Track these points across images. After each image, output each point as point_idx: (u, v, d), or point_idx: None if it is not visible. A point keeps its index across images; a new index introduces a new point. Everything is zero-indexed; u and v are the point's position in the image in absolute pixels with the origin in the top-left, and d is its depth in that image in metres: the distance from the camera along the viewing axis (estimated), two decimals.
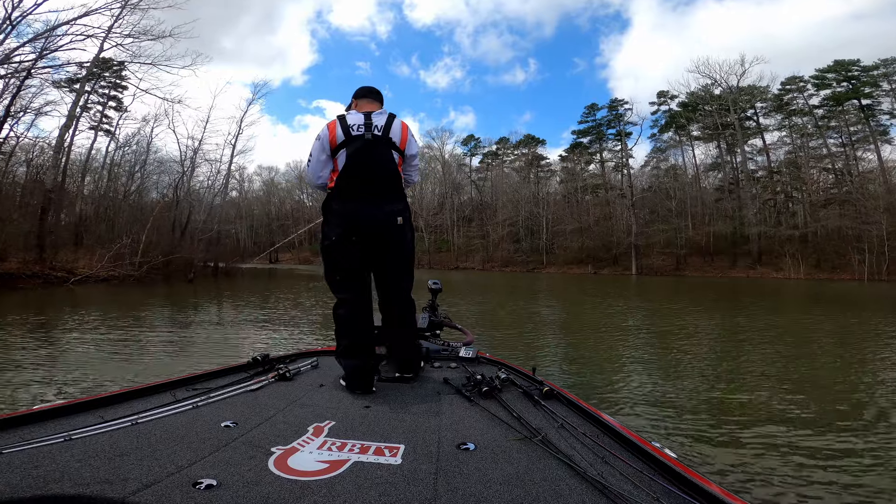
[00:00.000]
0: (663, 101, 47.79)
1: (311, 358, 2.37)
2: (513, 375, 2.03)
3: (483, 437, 1.38)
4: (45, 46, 19.65)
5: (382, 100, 2.23)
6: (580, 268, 43.52)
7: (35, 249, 16.21)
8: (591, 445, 1.31)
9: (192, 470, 1.08)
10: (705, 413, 3.62)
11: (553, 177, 57.44)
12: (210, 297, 13.95)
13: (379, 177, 2.05)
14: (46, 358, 5.22)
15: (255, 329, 7.76)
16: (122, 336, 6.68)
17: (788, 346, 6.56)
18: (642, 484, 1.08)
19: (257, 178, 70.42)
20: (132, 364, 5.08)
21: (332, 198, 2.05)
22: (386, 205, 2.05)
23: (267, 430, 1.40)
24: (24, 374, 4.48)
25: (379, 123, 2.08)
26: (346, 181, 2.02)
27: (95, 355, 5.42)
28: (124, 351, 5.73)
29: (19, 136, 25.85)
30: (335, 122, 2.07)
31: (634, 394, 4.12)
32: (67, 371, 4.62)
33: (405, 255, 2.15)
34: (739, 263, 37.64)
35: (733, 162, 43.85)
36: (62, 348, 5.79)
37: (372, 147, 2.05)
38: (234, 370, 2.09)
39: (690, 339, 7.30)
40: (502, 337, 7.29)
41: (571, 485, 1.08)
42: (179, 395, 1.67)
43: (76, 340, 6.29)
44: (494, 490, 1.04)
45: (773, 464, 2.66)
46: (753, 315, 10.49)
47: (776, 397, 4.04)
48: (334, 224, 2.03)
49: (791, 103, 40.95)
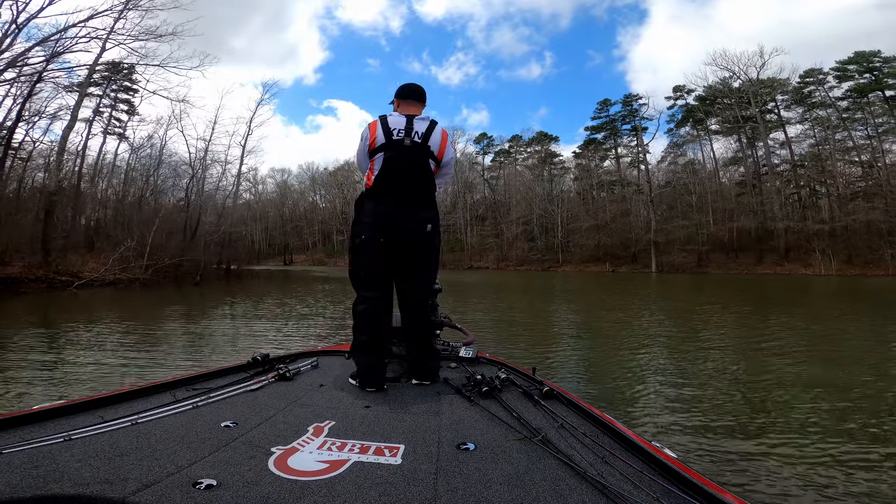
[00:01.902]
0: (679, 95, 46.61)
1: (311, 358, 2.35)
2: (513, 375, 2.01)
3: (483, 437, 1.38)
4: (55, 50, 19.64)
5: (425, 99, 2.23)
6: (597, 266, 42.50)
7: (40, 253, 15.99)
8: (591, 445, 1.30)
9: (192, 470, 1.08)
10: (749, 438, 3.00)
11: (567, 174, 56.49)
12: (209, 301, 13.42)
13: (414, 184, 2.06)
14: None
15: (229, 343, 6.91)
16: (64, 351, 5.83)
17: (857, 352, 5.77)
18: (642, 484, 1.07)
19: (271, 181, 70.73)
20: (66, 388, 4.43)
21: (366, 197, 2.07)
22: (419, 211, 2.07)
23: (267, 430, 1.39)
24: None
25: (420, 130, 2.08)
26: (382, 184, 2.04)
27: (41, 377, 4.70)
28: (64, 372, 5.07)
29: (35, 141, 26.21)
30: (377, 124, 2.08)
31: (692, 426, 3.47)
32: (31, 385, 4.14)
33: (431, 262, 2.17)
34: (766, 259, 36.28)
35: (754, 156, 42.41)
36: (21, 361, 5.26)
37: (410, 154, 2.06)
38: (234, 370, 2.08)
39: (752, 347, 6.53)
40: (537, 354, 6.12)
41: (571, 485, 1.07)
42: (179, 395, 1.66)
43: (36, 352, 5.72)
44: (494, 490, 1.03)
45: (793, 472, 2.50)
46: (816, 317, 9.60)
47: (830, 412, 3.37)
48: (365, 224, 2.04)
49: (812, 95, 39.54)
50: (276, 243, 70.06)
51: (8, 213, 15.33)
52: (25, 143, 25.62)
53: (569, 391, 1.86)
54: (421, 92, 2.21)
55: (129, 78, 28.85)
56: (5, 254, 14.17)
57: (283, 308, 11.35)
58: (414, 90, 2.20)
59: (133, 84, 29.18)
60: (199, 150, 27.38)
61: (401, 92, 2.21)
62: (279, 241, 70.11)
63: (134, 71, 27.02)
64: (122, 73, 28.03)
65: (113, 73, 27.28)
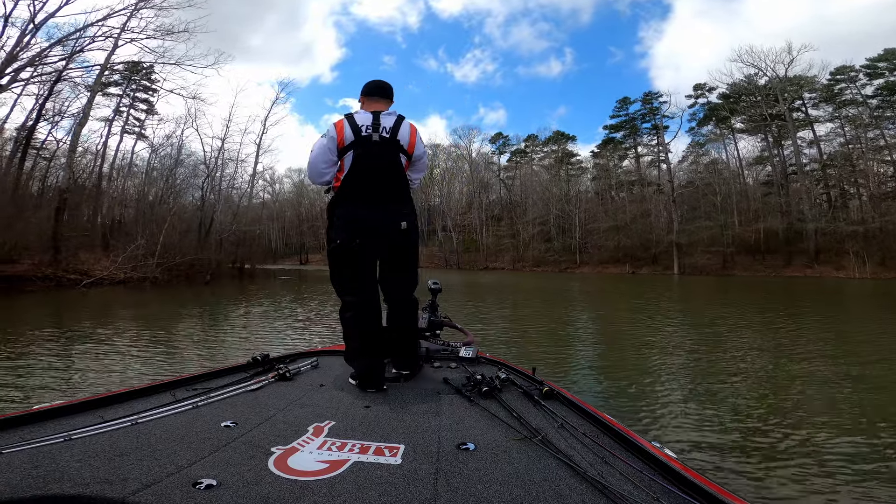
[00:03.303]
0: (700, 93, 45.30)
1: (311, 358, 2.33)
2: (513, 375, 1.99)
3: (483, 437, 1.37)
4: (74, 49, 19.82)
5: (392, 96, 2.17)
6: (617, 267, 41.46)
7: (50, 251, 15.97)
8: (591, 445, 1.30)
9: (192, 470, 1.07)
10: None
11: (584, 174, 55.41)
12: (216, 301, 13.20)
13: (386, 180, 2.03)
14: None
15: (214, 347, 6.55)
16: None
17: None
18: (642, 484, 1.07)
19: (287, 181, 71.20)
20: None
21: (338, 200, 2.03)
22: (392, 208, 2.03)
23: (267, 430, 1.38)
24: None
25: (387, 125, 2.04)
26: (353, 183, 2.00)
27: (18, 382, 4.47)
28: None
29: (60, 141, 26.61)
30: (343, 122, 2.03)
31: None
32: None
33: (409, 259, 2.15)
34: (794, 262, 34.81)
35: (781, 155, 40.81)
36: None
37: (380, 149, 2.02)
38: (234, 370, 2.06)
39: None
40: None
41: (571, 485, 1.07)
42: (179, 395, 1.65)
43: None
44: (494, 490, 1.03)
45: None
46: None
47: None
48: (339, 227, 2.00)
49: (842, 93, 37.87)
50: (293, 243, 70.43)
51: (17, 212, 15.37)
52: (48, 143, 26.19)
53: (569, 391, 1.84)
54: (387, 88, 2.16)
55: (149, 77, 29.19)
56: (14, 251, 14.09)
57: (283, 310, 11.04)
58: (379, 86, 2.15)
59: (152, 84, 29.52)
60: (213, 150, 27.51)
61: (366, 89, 2.15)
62: (295, 240, 70.46)
63: (153, 70, 27.32)
64: (141, 73, 28.36)
65: (133, 72, 27.58)
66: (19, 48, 16.59)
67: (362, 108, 2.12)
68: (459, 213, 57.64)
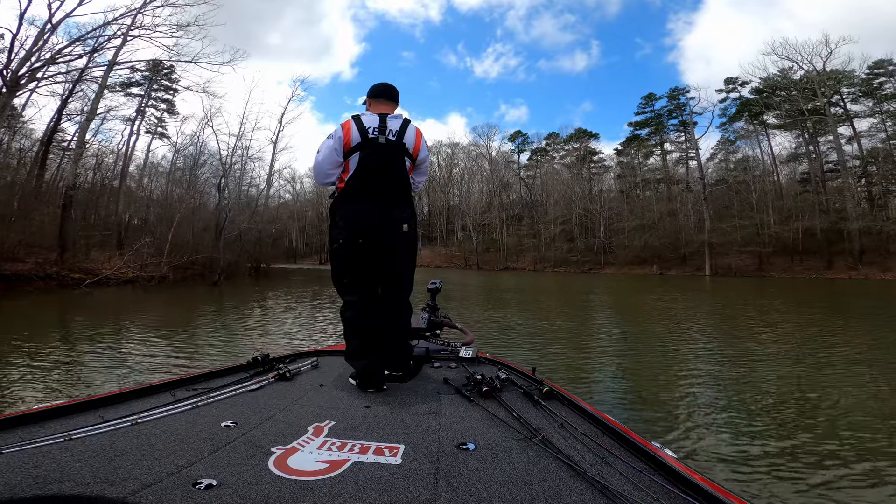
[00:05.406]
0: (732, 87, 43.28)
1: (311, 358, 2.31)
2: (513, 375, 1.98)
3: (483, 437, 1.36)
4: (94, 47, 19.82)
5: (398, 99, 2.20)
6: (643, 268, 39.90)
7: (56, 249, 15.75)
8: (591, 445, 1.29)
9: (192, 470, 1.08)
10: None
11: (607, 172, 53.82)
12: (216, 301, 12.65)
13: (389, 182, 2.04)
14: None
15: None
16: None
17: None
18: (642, 484, 1.07)
19: (308, 180, 71.41)
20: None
21: (341, 200, 2.04)
22: (394, 210, 2.04)
23: (267, 430, 1.38)
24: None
25: (394, 128, 2.06)
26: (357, 184, 2.02)
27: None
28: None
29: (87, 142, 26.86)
30: (350, 123, 2.05)
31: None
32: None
33: (407, 261, 2.14)
34: (836, 263, 32.81)
35: (818, 151, 38.61)
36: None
37: (385, 152, 2.03)
38: (234, 370, 2.04)
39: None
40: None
41: (571, 485, 1.07)
42: (179, 395, 1.63)
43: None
44: (494, 490, 1.03)
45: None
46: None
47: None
48: (341, 227, 2.03)
49: (882, 88, 35.62)
50: (314, 242, 70.62)
51: (22, 209, 15.23)
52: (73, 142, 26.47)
53: (569, 391, 1.80)
54: (393, 91, 2.18)
55: (169, 77, 29.31)
56: (17, 249, 13.82)
57: (291, 311, 10.61)
58: (386, 89, 2.17)
59: (173, 83, 29.64)
60: (230, 148, 27.36)
61: (373, 91, 2.17)
62: (316, 240, 70.65)
63: (173, 70, 27.37)
64: (162, 73, 28.47)
65: (154, 72, 27.69)
66: (37, 47, 16.56)
67: (368, 110, 2.15)
68: (479, 213, 56.80)
